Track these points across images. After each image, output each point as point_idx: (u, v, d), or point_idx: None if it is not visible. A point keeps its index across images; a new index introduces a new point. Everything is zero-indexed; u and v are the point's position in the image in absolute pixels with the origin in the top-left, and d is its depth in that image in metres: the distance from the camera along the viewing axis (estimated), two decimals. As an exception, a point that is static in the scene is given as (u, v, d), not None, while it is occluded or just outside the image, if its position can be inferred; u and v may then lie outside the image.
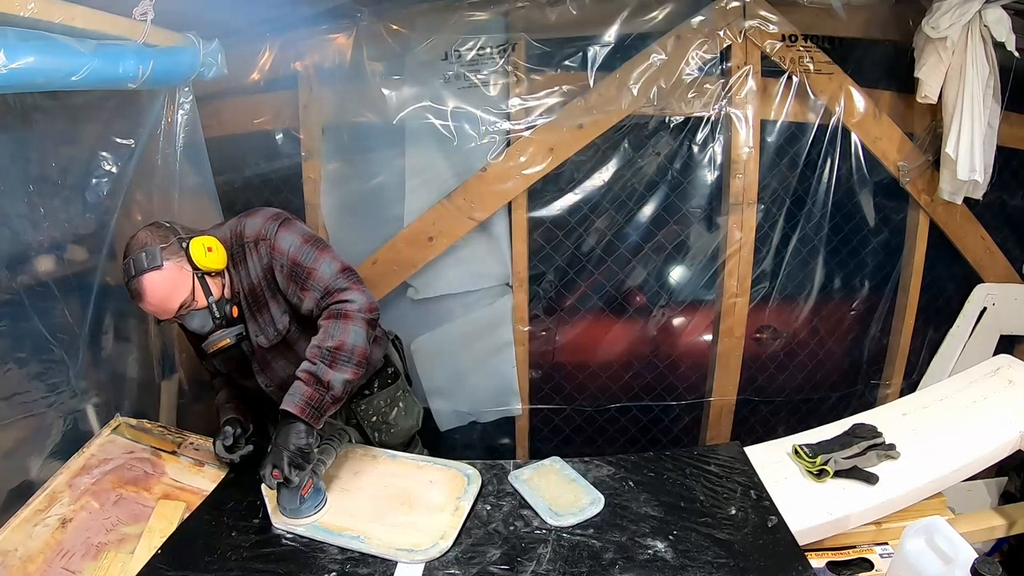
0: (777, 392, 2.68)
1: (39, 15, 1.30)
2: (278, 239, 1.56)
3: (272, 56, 2.36)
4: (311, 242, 1.58)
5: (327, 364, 1.47)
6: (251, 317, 1.64)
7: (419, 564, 1.34)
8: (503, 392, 2.60)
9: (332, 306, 1.53)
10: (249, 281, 1.61)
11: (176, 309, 1.49)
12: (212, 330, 1.55)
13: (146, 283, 1.44)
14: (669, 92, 2.30)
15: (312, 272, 1.54)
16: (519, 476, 1.60)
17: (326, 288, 1.54)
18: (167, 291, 1.46)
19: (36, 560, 1.38)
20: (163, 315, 1.51)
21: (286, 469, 1.39)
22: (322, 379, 1.46)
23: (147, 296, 1.45)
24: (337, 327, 1.49)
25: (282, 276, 1.57)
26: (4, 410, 1.60)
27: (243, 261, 1.60)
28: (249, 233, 1.59)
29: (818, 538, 1.58)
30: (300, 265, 1.55)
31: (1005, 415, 1.79)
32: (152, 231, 1.50)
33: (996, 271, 2.61)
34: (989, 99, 2.19)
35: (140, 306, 1.48)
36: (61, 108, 1.73)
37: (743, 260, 2.45)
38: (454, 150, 2.35)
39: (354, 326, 1.50)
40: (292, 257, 1.55)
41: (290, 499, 1.44)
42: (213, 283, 1.54)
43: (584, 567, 1.30)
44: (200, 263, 1.49)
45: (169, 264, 1.46)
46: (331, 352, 1.47)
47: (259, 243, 1.58)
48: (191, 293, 1.50)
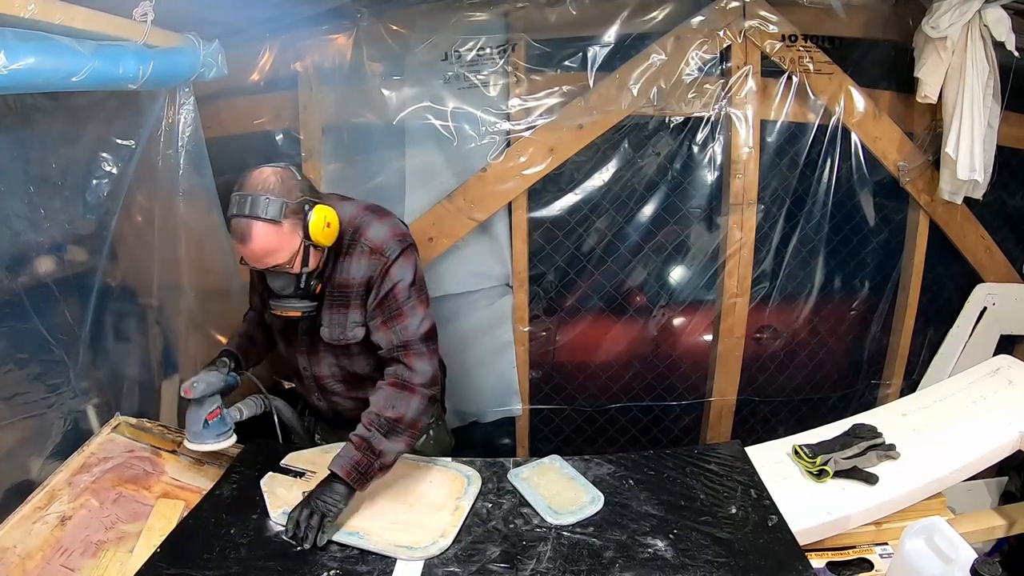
0: (777, 392, 2.68)
1: (39, 16, 1.30)
2: (395, 265, 1.54)
3: (272, 56, 2.36)
4: (417, 287, 1.58)
5: (382, 433, 1.46)
6: (328, 308, 1.61)
7: (418, 561, 1.34)
8: (503, 392, 2.60)
9: (400, 370, 1.53)
10: (345, 277, 1.57)
11: (269, 266, 1.45)
12: (288, 296, 1.53)
13: (255, 231, 1.39)
14: (669, 92, 2.30)
15: (402, 317, 1.54)
16: (519, 474, 1.60)
17: (405, 341, 1.54)
18: (272, 247, 1.42)
19: (35, 557, 1.38)
20: (252, 263, 1.46)
21: (303, 523, 1.38)
22: (375, 448, 1.45)
23: (250, 243, 1.40)
24: (400, 399, 1.50)
25: (375, 297, 1.55)
26: (4, 410, 1.61)
27: (349, 255, 1.57)
28: (371, 237, 1.56)
29: (818, 538, 1.58)
30: (398, 303, 1.54)
31: (1005, 415, 1.79)
32: (283, 179, 1.43)
33: (996, 271, 2.61)
34: (989, 99, 2.19)
35: (237, 247, 1.43)
36: (61, 109, 1.74)
37: (743, 260, 2.45)
38: (454, 150, 2.35)
39: (416, 401, 1.51)
40: (396, 291, 1.54)
41: (194, 420, 1.47)
42: (314, 255, 1.50)
43: (584, 565, 1.31)
44: (314, 235, 1.45)
45: (286, 224, 1.41)
46: (389, 423, 1.47)
47: (375, 253, 1.55)
48: (291, 258, 1.45)
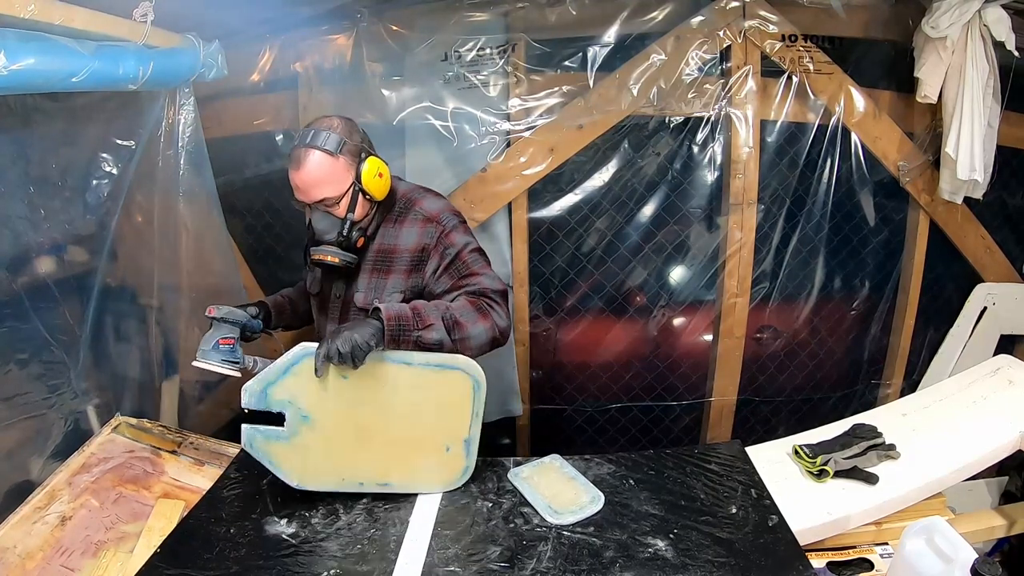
0: (777, 392, 2.68)
1: (39, 16, 1.31)
2: (454, 231, 1.60)
3: (272, 57, 2.37)
4: (481, 252, 1.62)
5: (438, 317, 1.46)
6: (368, 273, 1.63)
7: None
8: (504, 392, 2.60)
9: (483, 302, 1.53)
10: (392, 243, 1.61)
11: (317, 198, 1.51)
12: (330, 242, 1.56)
13: (312, 158, 1.47)
14: (669, 92, 2.30)
15: (474, 276, 1.57)
16: (519, 474, 1.60)
17: (482, 291, 1.55)
18: (323, 178, 1.49)
19: (35, 557, 1.38)
20: (303, 195, 1.52)
21: (331, 350, 1.34)
22: (424, 318, 1.44)
23: (304, 169, 1.47)
24: (470, 315, 1.50)
25: (439, 262, 1.58)
26: (5, 411, 1.61)
27: (398, 222, 1.62)
28: (426, 207, 1.62)
29: (818, 538, 1.58)
30: (467, 264, 1.58)
31: (1005, 415, 1.79)
32: (346, 123, 1.54)
33: (996, 271, 2.61)
34: (989, 99, 2.19)
35: (292, 175, 1.49)
36: (61, 109, 1.74)
37: (743, 260, 2.45)
38: (454, 151, 2.35)
39: (482, 328, 1.50)
40: (463, 255, 1.59)
41: (206, 340, 1.50)
42: (361, 204, 1.56)
43: (584, 565, 1.30)
44: (364, 180, 1.52)
45: (341, 159, 1.49)
46: (451, 320, 1.47)
47: (430, 222, 1.59)
48: (339, 197, 1.51)
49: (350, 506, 1.51)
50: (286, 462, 1.46)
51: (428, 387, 1.46)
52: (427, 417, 1.49)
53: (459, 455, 1.53)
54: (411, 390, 1.46)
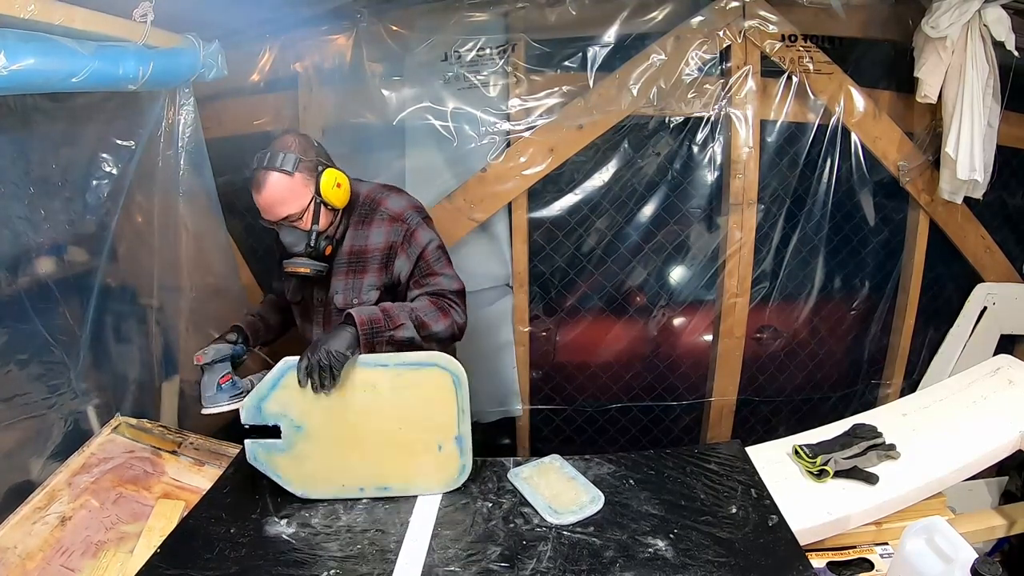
0: (777, 392, 2.68)
1: (39, 16, 1.30)
2: (419, 229, 1.67)
3: (272, 57, 2.37)
4: (443, 249, 1.72)
5: (406, 316, 1.57)
6: (343, 275, 1.70)
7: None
8: (504, 393, 2.60)
9: (443, 301, 1.65)
10: (362, 244, 1.68)
11: (281, 216, 1.57)
12: (299, 254, 1.61)
13: (270, 180, 1.53)
14: (669, 92, 2.30)
15: (435, 276, 1.68)
16: (519, 474, 1.60)
17: (441, 291, 1.67)
18: (283, 197, 1.55)
19: (35, 558, 1.38)
20: (268, 215, 1.58)
21: (311, 362, 1.42)
22: (395, 319, 1.54)
23: (264, 192, 1.54)
24: (433, 314, 1.62)
25: (406, 260, 1.67)
26: (5, 411, 1.61)
27: (364, 224, 1.69)
28: (390, 206, 1.69)
29: (818, 538, 1.58)
30: (428, 263, 1.68)
31: (1005, 415, 1.79)
32: (301, 140, 1.60)
33: (996, 271, 2.61)
34: (989, 98, 2.19)
35: (255, 197, 1.56)
36: (61, 110, 1.73)
37: (743, 260, 2.45)
38: (454, 151, 2.35)
39: (444, 326, 1.63)
40: (426, 253, 1.67)
41: (207, 386, 1.55)
42: (324, 215, 1.61)
43: (584, 565, 1.30)
44: (324, 192, 1.57)
45: (298, 176, 1.55)
46: (417, 319, 1.58)
47: (396, 220, 1.67)
48: (302, 212, 1.57)
49: (350, 507, 1.52)
50: (288, 472, 1.52)
51: (409, 387, 1.49)
52: (414, 416, 1.51)
53: (453, 453, 1.53)
54: (393, 391, 1.50)
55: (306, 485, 1.52)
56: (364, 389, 1.50)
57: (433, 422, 1.52)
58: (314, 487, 1.53)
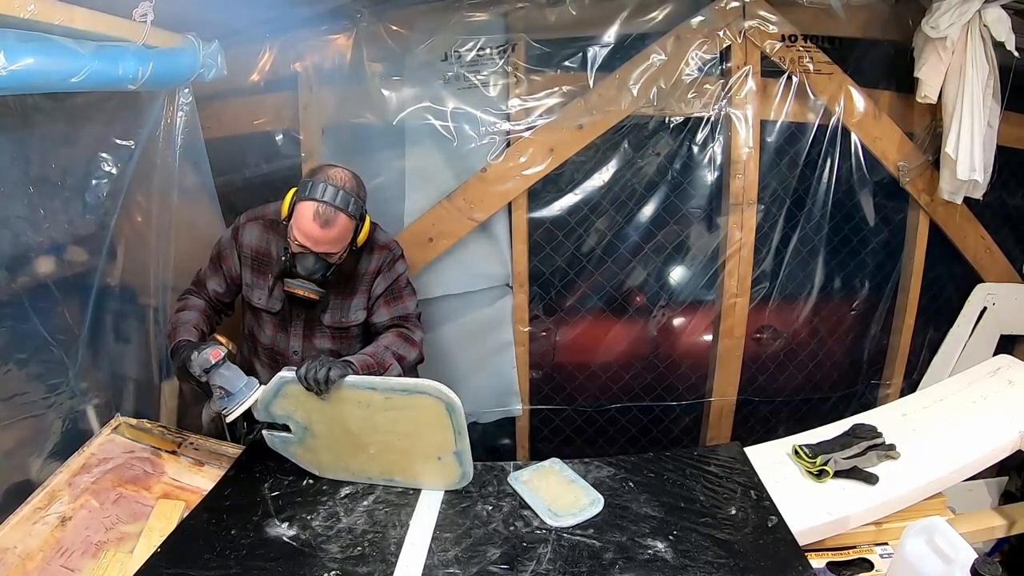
0: (777, 392, 2.68)
1: (39, 16, 1.30)
2: (399, 260, 1.86)
3: (272, 57, 2.36)
4: (410, 281, 1.92)
5: (391, 357, 1.72)
6: (333, 295, 1.80)
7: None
8: (503, 393, 2.60)
9: (403, 331, 1.82)
10: (350, 269, 1.79)
11: (327, 251, 1.64)
12: (306, 277, 1.66)
13: (340, 221, 1.61)
14: (669, 92, 2.30)
15: (403, 300, 1.87)
16: (519, 477, 1.60)
17: (406, 315, 1.86)
18: (343, 237, 1.64)
19: (35, 558, 1.38)
20: (314, 247, 1.62)
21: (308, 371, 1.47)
22: (383, 363, 1.69)
23: (332, 231, 1.60)
24: (404, 347, 1.79)
25: (383, 281, 1.83)
26: (4, 411, 1.61)
27: (360, 251, 1.80)
28: (378, 238, 1.84)
29: (818, 538, 1.58)
30: (400, 288, 1.86)
31: (1005, 415, 1.79)
32: (356, 180, 1.69)
33: (996, 271, 2.61)
34: (989, 99, 2.19)
35: (310, 226, 1.59)
36: (61, 109, 1.73)
37: (743, 260, 2.45)
38: (454, 151, 2.35)
39: (415, 354, 1.82)
40: (400, 280, 1.86)
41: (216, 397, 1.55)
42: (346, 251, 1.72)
43: (584, 567, 1.31)
44: (360, 238, 1.72)
45: (354, 222, 1.66)
46: (397, 355, 1.75)
47: (383, 249, 1.83)
48: (343, 250, 1.68)
49: (350, 508, 1.52)
50: (304, 458, 1.63)
51: (400, 408, 1.51)
52: (409, 432, 1.53)
53: (452, 464, 1.55)
54: (385, 411, 1.52)
55: (322, 468, 1.62)
56: (356, 405, 1.53)
57: (429, 439, 1.53)
58: (330, 471, 1.62)
